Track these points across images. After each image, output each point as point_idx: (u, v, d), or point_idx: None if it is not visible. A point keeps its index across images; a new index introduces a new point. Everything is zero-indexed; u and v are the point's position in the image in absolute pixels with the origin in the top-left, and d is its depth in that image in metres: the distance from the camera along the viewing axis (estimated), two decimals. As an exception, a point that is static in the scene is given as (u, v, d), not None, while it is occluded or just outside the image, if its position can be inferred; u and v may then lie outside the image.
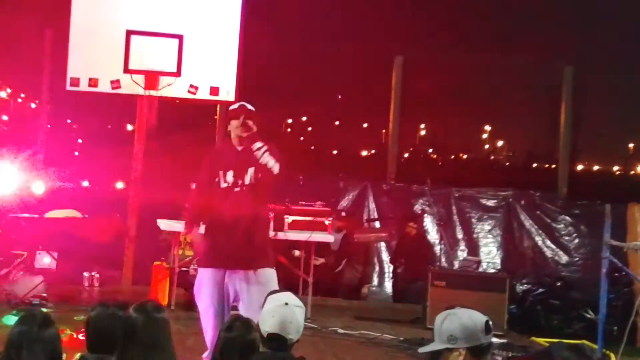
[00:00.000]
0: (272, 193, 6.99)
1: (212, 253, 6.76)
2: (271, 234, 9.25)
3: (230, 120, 6.72)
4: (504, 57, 14.97)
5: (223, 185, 6.72)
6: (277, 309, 3.99)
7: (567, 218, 13.04)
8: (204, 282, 6.74)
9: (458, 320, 3.65)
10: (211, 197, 6.74)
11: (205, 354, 6.73)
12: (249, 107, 6.73)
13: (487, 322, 3.66)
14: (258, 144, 6.57)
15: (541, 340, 9.51)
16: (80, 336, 7.30)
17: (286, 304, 4.00)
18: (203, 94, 11.13)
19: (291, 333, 3.98)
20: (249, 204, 6.68)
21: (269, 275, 6.69)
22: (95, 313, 4.16)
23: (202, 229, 7.00)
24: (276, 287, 6.48)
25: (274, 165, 6.53)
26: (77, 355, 4.79)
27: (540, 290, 11.93)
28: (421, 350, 3.91)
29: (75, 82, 10.89)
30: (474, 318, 3.66)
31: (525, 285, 12.31)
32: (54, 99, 13.31)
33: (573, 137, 14.22)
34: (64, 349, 4.08)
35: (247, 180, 6.68)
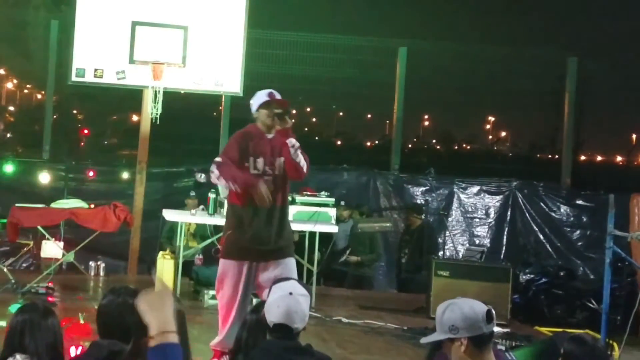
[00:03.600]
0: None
1: (240, 245, 6.62)
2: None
3: (265, 109, 6.58)
4: (508, 48, 14.97)
5: (253, 172, 6.53)
6: (282, 299, 3.97)
7: (571, 208, 13.08)
8: (229, 274, 6.61)
9: (459, 310, 3.65)
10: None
11: (215, 342, 6.76)
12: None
13: (488, 311, 3.65)
14: (293, 141, 6.45)
15: (544, 329, 9.55)
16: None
17: (290, 293, 3.99)
18: (208, 85, 11.16)
19: (297, 322, 3.98)
20: (279, 193, 6.61)
21: (292, 264, 6.69)
22: (107, 301, 4.17)
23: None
24: (296, 276, 6.54)
25: (304, 166, 6.49)
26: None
27: (544, 280, 11.94)
28: (423, 340, 3.91)
29: (80, 73, 10.92)
30: (475, 308, 3.66)
31: (529, 275, 12.32)
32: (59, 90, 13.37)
33: (576, 128, 14.25)
34: (75, 337, 4.13)
35: (277, 170, 6.57)
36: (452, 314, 3.66)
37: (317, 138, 36.61)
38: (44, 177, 11.89)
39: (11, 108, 35.81)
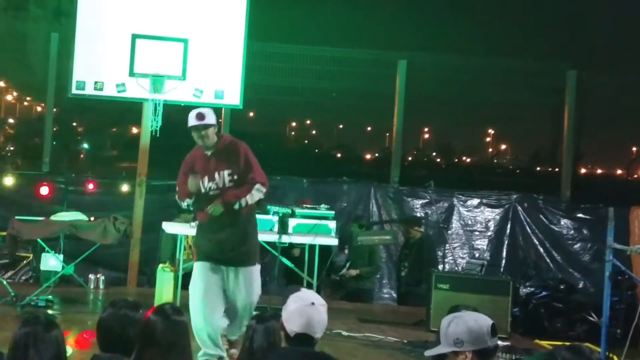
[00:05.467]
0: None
1: (205, 250, 7.02)
2: (275, 237, 9.32)
3: (192, 132, 6.88)
4: (508, 61, 14.99)
5: (202, 191, 6.91)
6: (304, 309, 3.97)
7: (571, 221, 13.07)
8: (197, 274, 6.94)
9: (464, 323, 3.66)
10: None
11: (201, 354, 6.75)
12: (207, 120, 6.80)
13: (493, 325, 3.66)
14: (232, 202, 6.86)
15: (544, 343, 9.54)
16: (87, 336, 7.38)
17: (312, 303, 3.99)
18: (208, 98, 11.16)
19: (318, 332, 3.99)
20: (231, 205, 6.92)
21: (255, 273, 7.04)
22: (107, 314, 4.17)
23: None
24: (259, 283, 7.03)
25: (262, 195, 6.97)
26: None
27: (544, 293, 11.94)
28: (427, 353, 3.90)
29: (80, 85, 10.92)
30: (480, 321, 3.67)
31: (529, 289, 12.32)
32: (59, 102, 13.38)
33: (576, 141, 14.25)
34: (75, 349, 4.12)
35: (220, 184, 6.89)
36: (457, 327, 3.66)
37: (317, 150, 36.59)
38: (44, 190, 11.88)
39: (11, 120, 35.86)
